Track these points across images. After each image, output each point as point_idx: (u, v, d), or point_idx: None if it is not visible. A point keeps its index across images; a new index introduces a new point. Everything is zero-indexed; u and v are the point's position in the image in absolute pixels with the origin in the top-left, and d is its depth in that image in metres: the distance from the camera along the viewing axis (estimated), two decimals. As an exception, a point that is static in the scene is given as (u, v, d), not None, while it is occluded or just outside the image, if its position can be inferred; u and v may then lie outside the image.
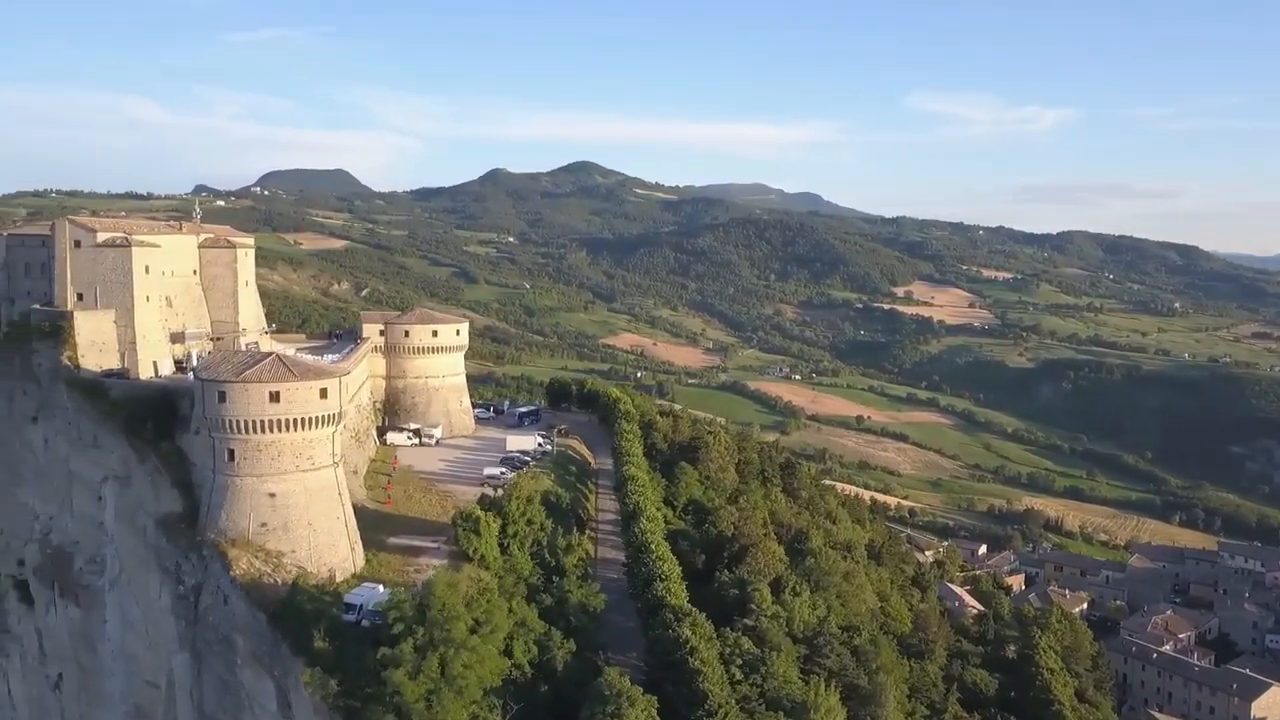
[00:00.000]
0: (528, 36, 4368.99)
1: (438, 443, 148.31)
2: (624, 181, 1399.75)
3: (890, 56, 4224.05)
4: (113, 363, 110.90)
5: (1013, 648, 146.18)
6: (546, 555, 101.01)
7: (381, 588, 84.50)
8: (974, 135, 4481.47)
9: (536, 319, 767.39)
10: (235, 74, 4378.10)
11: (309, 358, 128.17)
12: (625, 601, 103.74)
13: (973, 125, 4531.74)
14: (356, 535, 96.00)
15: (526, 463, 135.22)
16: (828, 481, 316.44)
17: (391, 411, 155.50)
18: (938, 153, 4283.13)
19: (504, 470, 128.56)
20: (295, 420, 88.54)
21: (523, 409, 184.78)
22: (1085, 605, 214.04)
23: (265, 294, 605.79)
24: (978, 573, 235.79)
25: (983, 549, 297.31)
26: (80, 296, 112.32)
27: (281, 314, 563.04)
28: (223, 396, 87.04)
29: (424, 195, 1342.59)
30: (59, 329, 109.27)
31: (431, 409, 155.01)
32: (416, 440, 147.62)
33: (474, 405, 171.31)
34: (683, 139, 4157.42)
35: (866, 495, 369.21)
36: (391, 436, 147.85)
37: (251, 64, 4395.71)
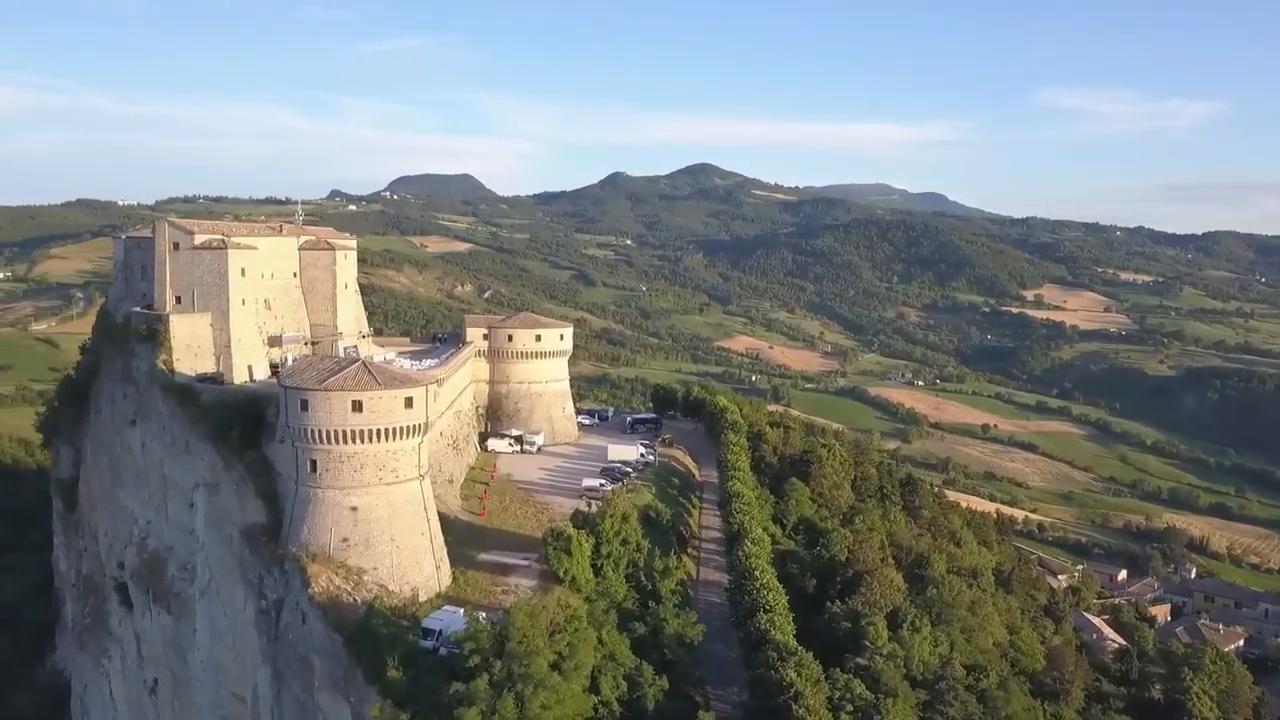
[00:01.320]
0: (649, 40, 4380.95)
1: (539, 450, 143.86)
2: (742, 183, 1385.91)
3: (1020, 52, 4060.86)
4: (208, 367, 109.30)
5: (1159, 689, 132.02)
6: (642, 578, 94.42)
7: (462, 612, 79.17)
8: (1110, 132, 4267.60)
9: (652, 321, 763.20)
10: (369, 83, 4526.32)
11: (406, 363, 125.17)
12: (727, 629, 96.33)
13: (1109, 121, 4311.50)
14: (443, 552, 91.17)
15: (627, 474, 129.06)
16: (951, 493, 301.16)
17: (494, 417, 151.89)
18: (1071, 151, 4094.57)
19: (603, 482, 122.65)
20: (378, 431, 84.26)
21: (639, 416, 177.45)
22: (1242, 642, 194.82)
23: (392, 295, 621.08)
24: (1117, 601, 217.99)
25: (1123, 574, 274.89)
26: (178, 299, 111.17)
27: (407, 315, 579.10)
28: (305, 404, 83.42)
29: (546, 199, 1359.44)
30: (155, 332, 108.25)
31: (534, 415, 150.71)
32: (518, 447, 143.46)
33: (578, 412, 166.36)
34: (803, 139, 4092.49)
35: (992, 508, 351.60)
36: (493, 443, 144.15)
37: (384, 73, 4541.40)
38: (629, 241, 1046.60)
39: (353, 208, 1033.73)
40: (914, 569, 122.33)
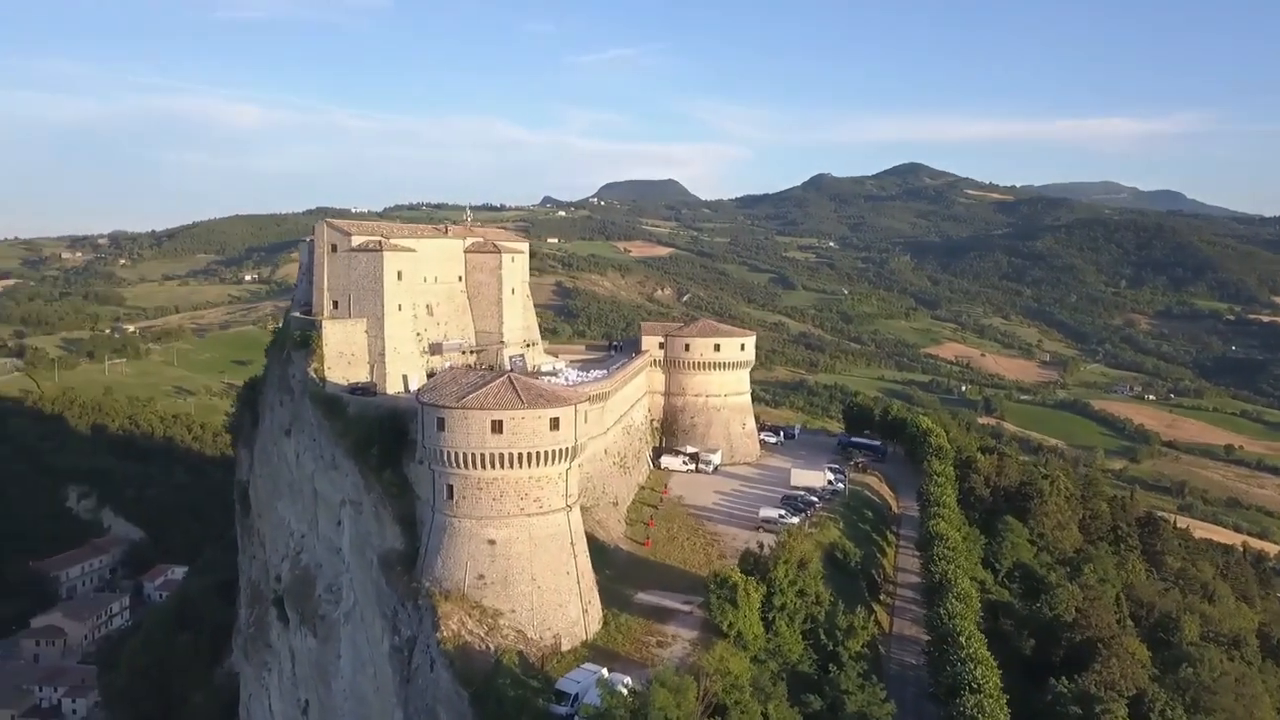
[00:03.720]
0: (857, 40, 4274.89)
1: (715, 470, 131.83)
2: (954, 182, 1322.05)
3: (1274, 33, 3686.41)
4: (361, 375, 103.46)
5: None
6: (822, 635, 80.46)
7: (605, 673, 67.87)
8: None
9: (854, 326, 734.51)
10: (581, 93, 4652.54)
11: (573, 374, 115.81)
12: (923, 702, 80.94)
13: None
14: (593, 593, 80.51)
15: (812, 504, 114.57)
16: (1186, 520, 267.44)
17: (669, 432, 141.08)
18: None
19: (783, 513, 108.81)
20: (520, 455, 74.60)
21: (856, 438, 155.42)
22: None
23: (595, 298, 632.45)
24: None
25: None
26: (336, 304, 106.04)
27: (609, 318, 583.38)
28: (441, 424, 74.86)
29: (748, 203, 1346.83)
30: (308, 338, 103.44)
31: (711, 431, 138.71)
32: (692, 466, 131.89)
33: (760, 428, 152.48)
34: (1022, 136, 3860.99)
35: (1237, 539, 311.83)
36: (666, 460, 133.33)
37: (595, 83, 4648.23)
38: (831, 244, 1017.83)
39: (562, 214, 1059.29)
40: (1157, 632, 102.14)
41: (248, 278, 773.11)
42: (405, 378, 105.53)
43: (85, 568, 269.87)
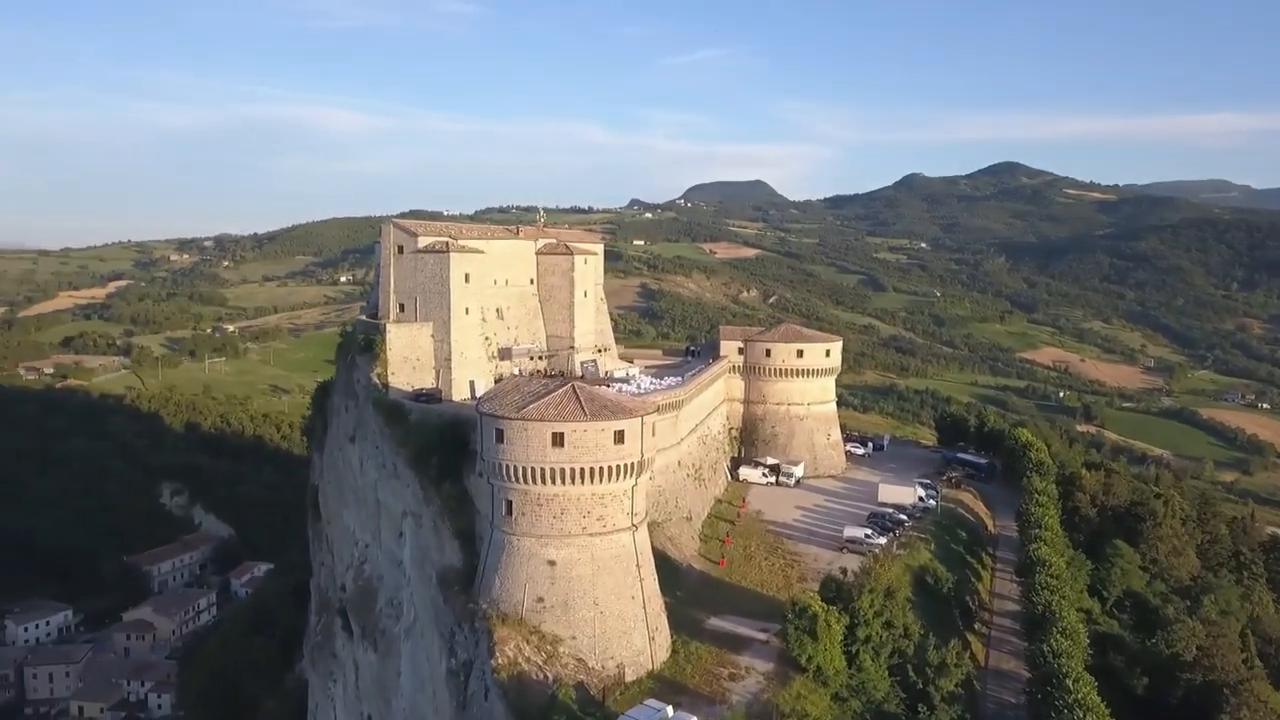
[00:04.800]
0: (946, 38, 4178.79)
1: (797, 483, 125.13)
2: (1052, 182, 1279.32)
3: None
4: (427, 381, 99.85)
5: None
6: (911, 672, 73.57)
7: (670, 712, 62.35)
8: None
9: (946, 329, 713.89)
10: (669, 95, 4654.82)
11: (646, 381, 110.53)
12: (1024, 746, 73.54)
13: None
14: (660, 619, 75.08)
15: (900, 523, 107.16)
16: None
17: (748, 442, 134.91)
18: None
19: (869, 532, 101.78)
20: (581, 470, 69.65)
21: (961, 454, 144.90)
22: None
23: (679, 300, 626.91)
24: None
25: None
26: (402, 307, 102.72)
27: (693, 320, 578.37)
28: (500, 435, 70.46)
29: (837, 203, 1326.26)
30: (372, 343, 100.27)
31: (793, 442, 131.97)
32: (772, 479, 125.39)
33: (847, 438, 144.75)
34: (1123, 134, 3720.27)
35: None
36: (744, 472, 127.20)
37: (683, 85, 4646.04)
38: (923, 245, 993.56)
39: (649, 215, 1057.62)
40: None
41: (343, 279, 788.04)
42: (472, 384, 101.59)
43: (176, 563, 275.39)
